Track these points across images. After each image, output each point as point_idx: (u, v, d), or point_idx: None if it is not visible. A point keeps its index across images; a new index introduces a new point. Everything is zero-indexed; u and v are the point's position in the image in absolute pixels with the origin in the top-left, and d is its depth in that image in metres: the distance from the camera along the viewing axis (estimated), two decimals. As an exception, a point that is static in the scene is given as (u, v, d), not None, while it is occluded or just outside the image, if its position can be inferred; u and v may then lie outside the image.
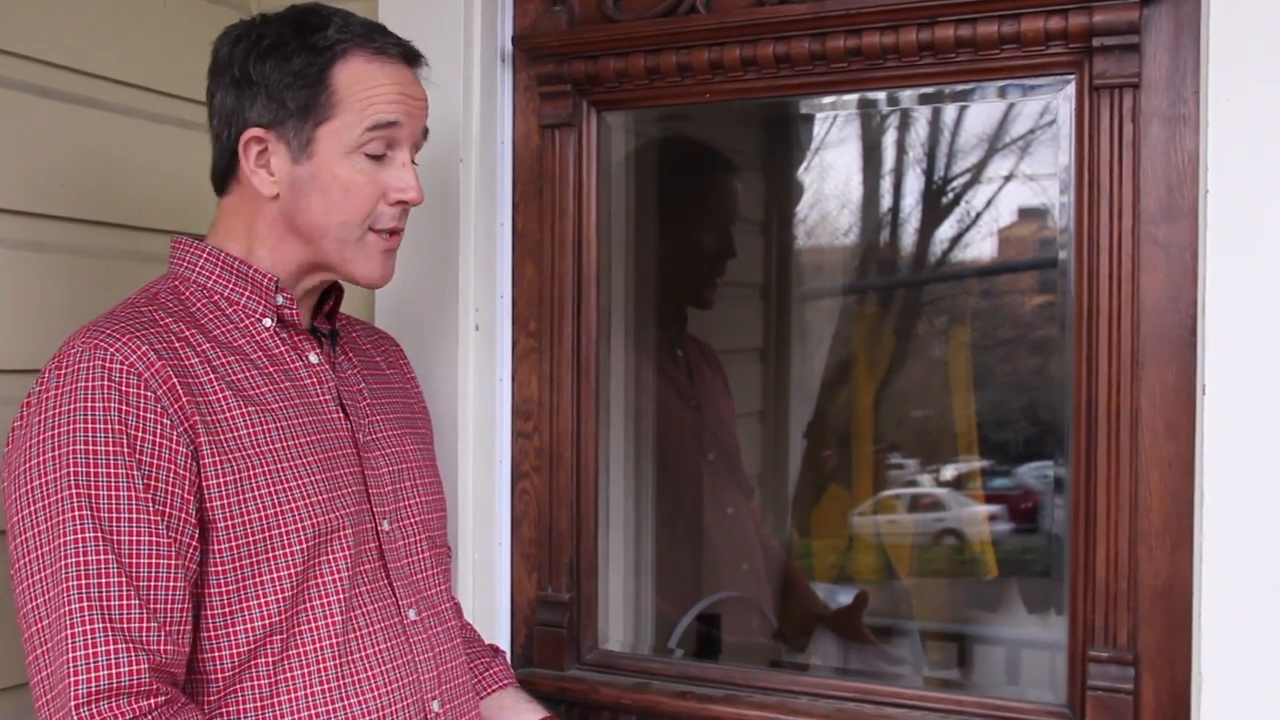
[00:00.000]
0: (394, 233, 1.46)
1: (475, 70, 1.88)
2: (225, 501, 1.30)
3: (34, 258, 1.67)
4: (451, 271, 1.88)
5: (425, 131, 1.48)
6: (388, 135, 1.41)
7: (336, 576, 1.36)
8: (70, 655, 1.20)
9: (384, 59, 1.41)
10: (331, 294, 1.53)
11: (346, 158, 1.39)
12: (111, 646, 1.21)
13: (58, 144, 1.70)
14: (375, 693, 1.37)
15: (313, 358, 1.46)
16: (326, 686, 1.34)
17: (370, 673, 1.38)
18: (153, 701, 1.22)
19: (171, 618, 1.25)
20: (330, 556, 1.36)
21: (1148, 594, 1.57)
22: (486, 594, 1.92)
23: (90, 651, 1.20)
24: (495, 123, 1.93)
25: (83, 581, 1.21)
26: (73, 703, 1.19)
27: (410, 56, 1.45)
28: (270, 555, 1.31)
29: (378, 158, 1.41)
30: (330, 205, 1.40)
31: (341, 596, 1.36)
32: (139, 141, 1.84)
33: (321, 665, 1.34)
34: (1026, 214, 3.01)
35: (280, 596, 1.32)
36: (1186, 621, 1.52)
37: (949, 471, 3.16)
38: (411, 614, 1.45)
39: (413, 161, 1.45)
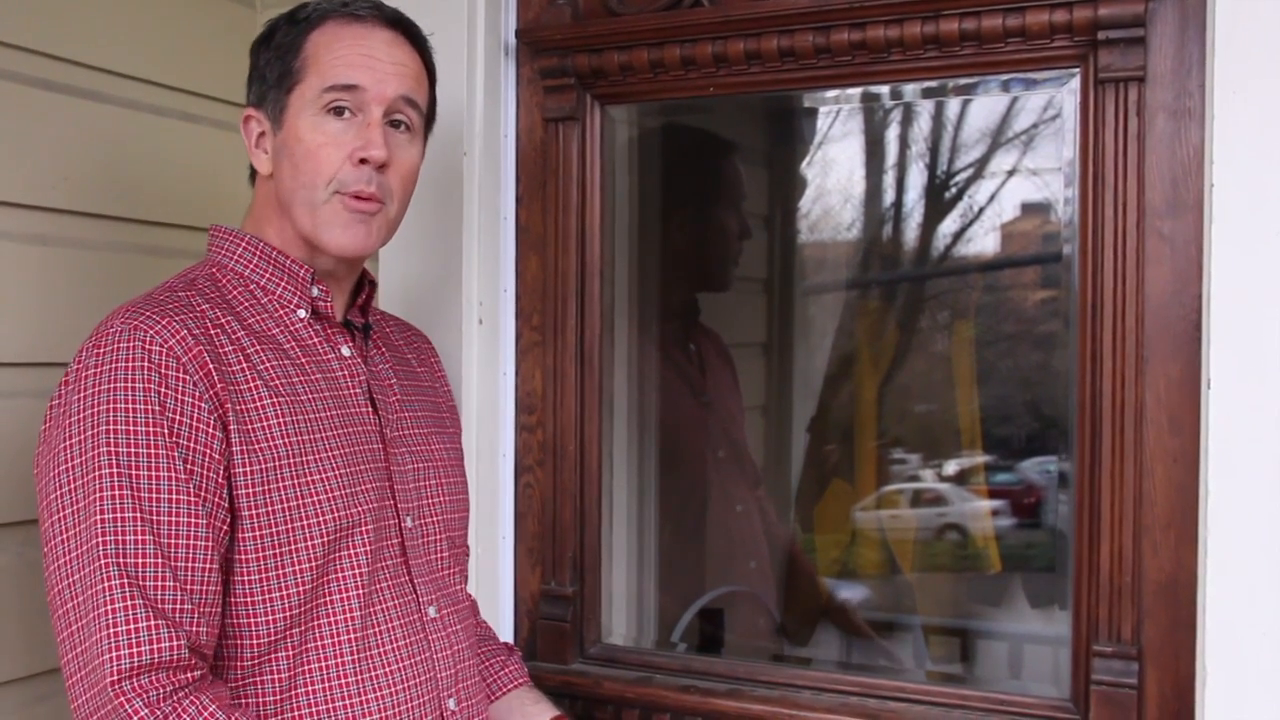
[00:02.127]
0: (362, 197, 1.39)
1: (479, 63, 1.88)
2: (250, 491, 1.29)
3: (37, 251, 1.67)
4: (455, 265, 1.88)
5: (412, 102, 1.43)
6: (351, 98, 1.39)
7: (356, 571, 1.36)
8: (108, 631, 1.19)
9: (355, 23, 1.41)
10: (364, 287, 1.52)
11: (310, 120, 1.38)
12: (150, 623, 1.20)
13: (60, 137, 1.70)
14: (393, 688, 1.37)
15: (345, 351, 1.45)
16: (344, 680, 1.34)
17: (389, 668, 1.37)
18: (190, 675, 1.23)
19: (205, 600, 1.25)
20: (351, 550, 1.36)
21: (1152, 589, 1.56)
22: (490, 588, 1.92)
23: (129, 628, 1.19)
24: (499, 116, 1.93)
25: (119, 560, 1.21)
26: (109, 678, 1.18)
27: (391, 20, 1.43)
28: (293, 547, 1.31)
29: (342, 118, 1.38)
30: (296, 169, 1.39)
31: (361, 591, 1.36)
32: (142, 135, 1.84)
33: (340, 659, 1.34)
34: (1030, 208, 3.01)
35: (301, 589, 1.32)
36: (1191, 616, 1.52)
37: (952, 467, 3.16)
38: (431, 611, 1.45)
39: (395, 127, 1.42)
